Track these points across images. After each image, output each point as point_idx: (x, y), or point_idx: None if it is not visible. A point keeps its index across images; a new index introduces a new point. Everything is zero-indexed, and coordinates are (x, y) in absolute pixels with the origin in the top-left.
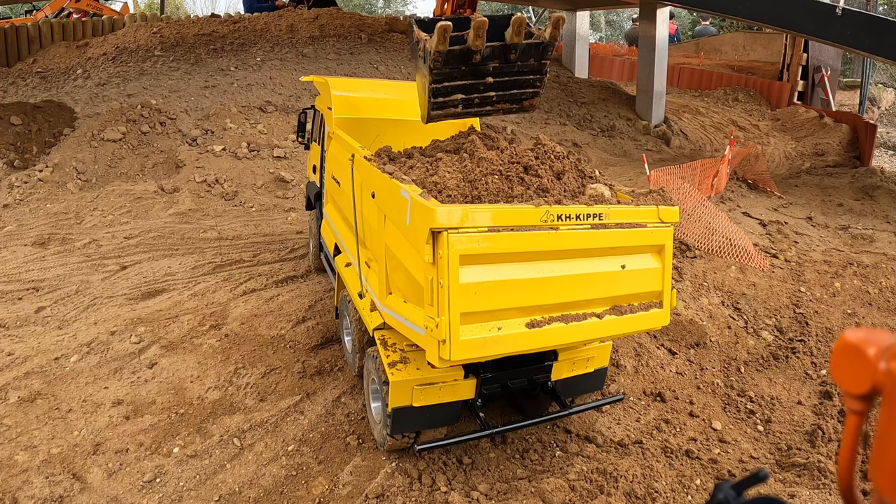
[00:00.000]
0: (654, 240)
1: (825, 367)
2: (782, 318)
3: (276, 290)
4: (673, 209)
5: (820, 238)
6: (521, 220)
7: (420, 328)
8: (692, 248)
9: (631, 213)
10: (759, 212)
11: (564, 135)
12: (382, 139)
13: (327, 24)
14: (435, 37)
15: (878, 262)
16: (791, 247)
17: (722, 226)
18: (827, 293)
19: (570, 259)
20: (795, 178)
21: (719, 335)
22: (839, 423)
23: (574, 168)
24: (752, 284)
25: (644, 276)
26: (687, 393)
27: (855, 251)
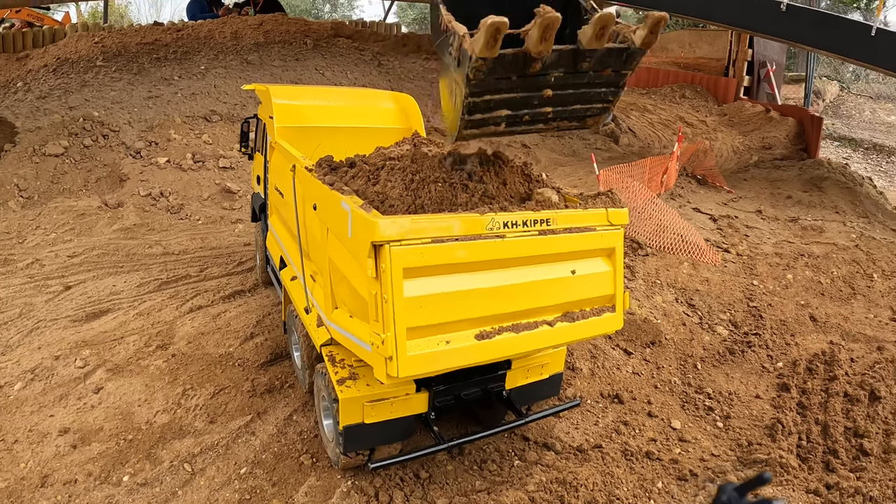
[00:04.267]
0: (603, 243)
1: (781, 360)
2: (736, 313)
3: (223, 306)
4: (622, 211)
5: (770, 231)
6: (466, 229)
7: (367, 344)
8: (644, 246)
9: (579, 217)
10: (709, 207)
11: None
12: (326, 147)
13: (272, 30)
14: (481, 38)
15: (829, 253)
16: (742, 240)
17: (673, 222)
18: (779, 285)
19: (518, 267)
20: (744, 172)
21: (674, 332)
22: (798, 415)
23: (520, 173)
24: (705, 280)
25: (595, 280)
26: (644, 393)
27: (805, 242)
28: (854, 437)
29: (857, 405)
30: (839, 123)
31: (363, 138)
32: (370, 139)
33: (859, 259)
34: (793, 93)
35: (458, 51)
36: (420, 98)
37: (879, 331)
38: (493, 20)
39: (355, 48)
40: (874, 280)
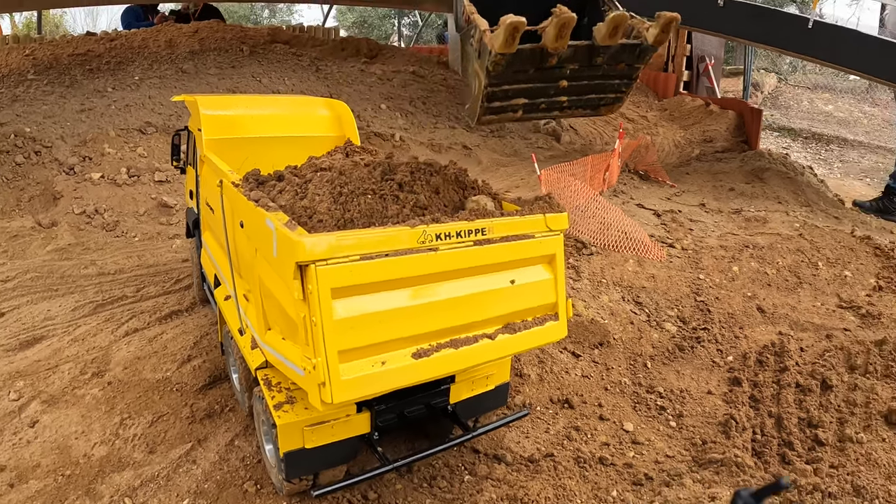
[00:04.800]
0: (543, 250)
1: (731, 354)
2: (684, 308)
3: (160, 328)
4: (561, 216)
5: (714, 223)
6: (396, 243)
7: (299, 368)
8: (588, 245)
9: (516, 224)
10: (652, 202)
11: (454, 138)
12: (258, 158)
13: (207, 37)
14: (501, 35)
15: (773, 243)
16: (687, 235)
17: (617, 220)
18: (726, 278)
19: (454, 280)
20: (686, 165)
21: (622, 332)
22: (751, 408)
23: (454, 180)
24: (652, 276)
25: (536, 288)
26: (595, 396)
27: (749, 234)
28: (808, 428)
29: (809, 395)
30: (778, 114)
31: (296, 148)
32: (303, 148)
33: (804, 248)
34: (732, 86)
35: (479, 43)
36: (359, 103)
37: (827, 319)
38: (512, 20)
39: (293, 54)
40: (819, 268)
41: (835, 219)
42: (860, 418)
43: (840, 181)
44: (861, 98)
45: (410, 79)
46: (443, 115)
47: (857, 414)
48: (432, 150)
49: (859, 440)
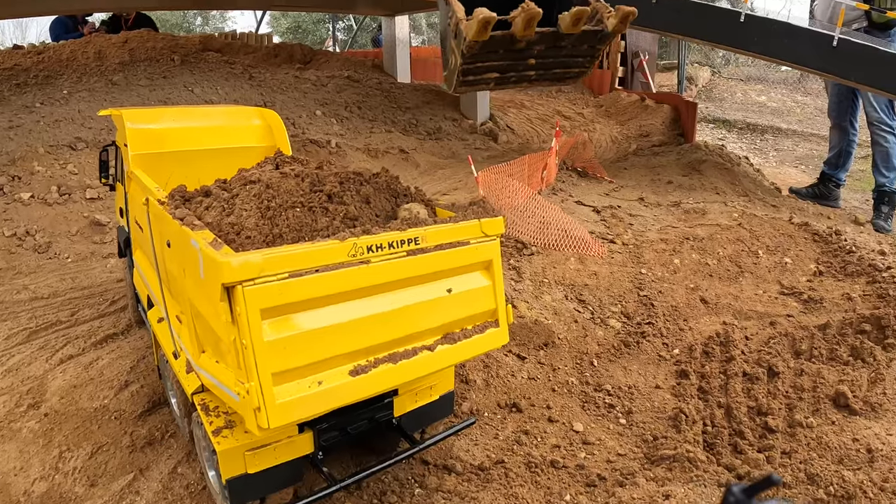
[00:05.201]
0: (480, 256)
1: (677, 346)
2: (628, 304)
3: (95, 354)
4: (496, 220)
5: (654, 217)
6: (326, 258)
7: (234, 393)
8: (529, 245)
9: (451, 231)
10: (591, 199)
11: (391, 142)
12: (188, 172)
13: (137, 47)
14: (474, 26)
15: (713, 234)
16: (627, 230)
17: (556, 218)
18: (668, 271)
19: (388, 292)
20: (623, 160)
21: (567, 331)
22: (700, 400)
23: (386, 188)
24: (594, 274)
25: (474, 296)
26: (543, 398)
27: (689, 226)
28: (758, 416)
29: (756, 383)
30: (713, 106)
31: (226, 160)
32: (234, 160)
33: (743, 237)
34: (666, 80)
35: (456, 29)
36: (294, 110)
37: (770, 306)
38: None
39: (225, 62)
40: (760, 257)
41: (772, 207)
42: (808, 403)
43: (776, 169)
44: (793, 88)
45: (345, 84)
46: (378, 120)
47: (806, 399)
48: (369, 156)
49: (809, 425)
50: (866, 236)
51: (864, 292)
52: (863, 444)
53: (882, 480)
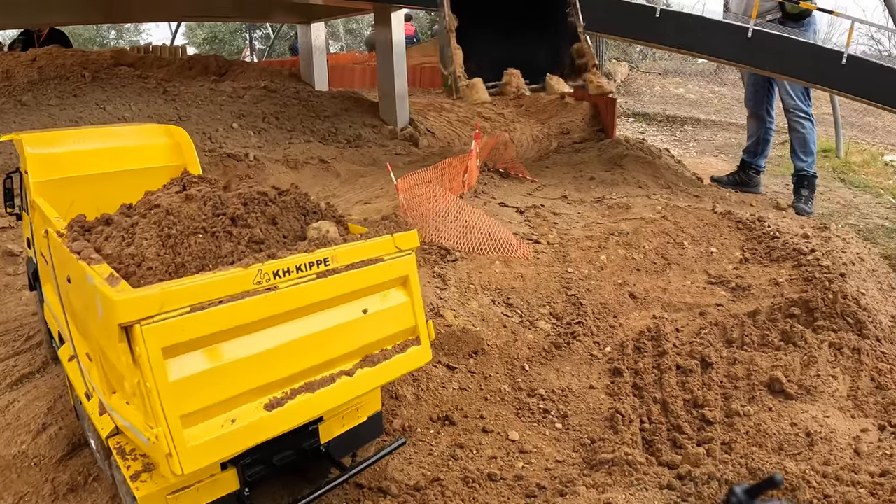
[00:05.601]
0: (395, 273)
1: (609, 344)
2: (556, 304)
3: (11, 396)
4: (410, 234)
5: (578, 214)
6: (230, 288)
7: (144, 437)
8: (452, 251)
9: (363, 248)
10: (514, 200)
11: (310, 151)
12: (92, 198)
13: (46, 65)
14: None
15: (638, 228)
16: (551, 229)
17: (479, 222)
18: (594, 268)
19: (300, 319)
20: (545, 159)
21: (496, 337)
22: (635, 398)
23: (295, 206)
24: (520, 276)
25: (392, 314)
26: (476, 408)
27: (614, 221)
28: (695, 409)
29: (691, 375)
30: (632, 101)
31: (133, 183)
32: (141, 182)
33: (668, 229)
34: None
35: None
36: (210, 123)
37: (699, 297)
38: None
39: (138, 76)
40: (685, 248)
41: (695, 197)
42: (744, 391)
43: (697, 160)
44: (710, 79)
45: (262, 94)
46: (297, 130)
47: (741, 387)
48: (288, 167)
49: (746, 413)
50: (789, 221)
51: (790, 276)
52: (801, 429)
53: (823, 464)
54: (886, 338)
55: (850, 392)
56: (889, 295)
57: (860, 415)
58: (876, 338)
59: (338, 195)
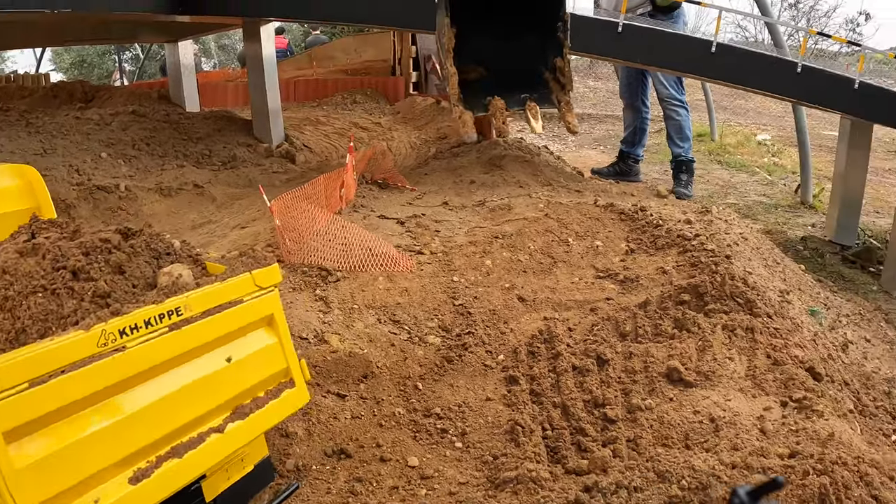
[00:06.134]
0: (258, 313)
1: (501, 352)
2: (444, 316)
3: None
4: (270, 269)
5: (460, 220)
6: (72, 354)
7: None
8: (333, 271)
9: (219, 292)
10: (394, 211)
11: (184, 177)
12: None
13: None
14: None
15: (522, 229)
16: (434, 238)
17: (359, 237)
18: (480, 274)
19: (156, 377)
20: (424, 166)
21: (385, 358)
22: (535, 405)
23: (145, 250)
24: (405, 290)
25: (260, 359)
26: (371, 436)
27: (496, 224)
28: (596, 409)
29: (588, 375)
30: None
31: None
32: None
33: (552, 228)
34: None
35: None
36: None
37: (588, 292)
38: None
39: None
40: (570, 244)
41: (577, 192)
42: (643, 385)
43: (576, 154)
44: (585, 74)
45: (131, 120)
46: (169, 155)
47: (640, 381)
48: (162, 195)
49: (648, 407)
50: (671, 208)
51: (677, 263)
52: (705, 416)
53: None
54: (777, 313)
55: (749, 372)
56: (775, 270)
57: (761, 393)
58: (767, 315)
59: (214, 221)
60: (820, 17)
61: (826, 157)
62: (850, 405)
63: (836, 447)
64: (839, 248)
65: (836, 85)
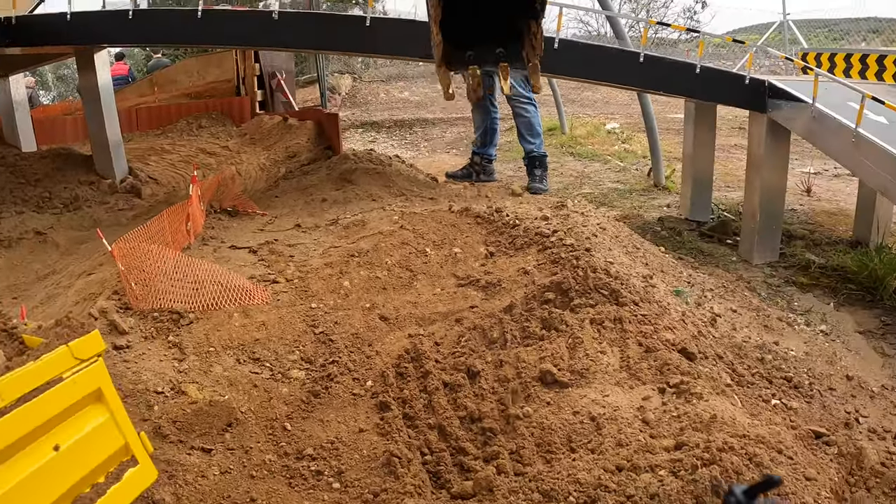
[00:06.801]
0: (82, 389)
1: (369, 378)
2: (306, 347)
3: None
4: (89, 337)
5: (314, 241)
6: None
7: None
8: (185, 314)
9: (33, 373)
10: (246, 239)
11: (24, 224)
12: None
13: None
14: None
15: (378, 244)
16: (288, 263)
17: (210, 273)
18: (339, 297)
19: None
20: (275, 188)
21: (249, 401)
22: (410, 429)
23: None
24: (262, 324)
25: (94, 440)
26: (244, 490)
27: (352, 241)
28: (473, 424)
29: (460, 390)
30: (359, 112)
31: None
32: None
33: (408, 239)
34: (310, 94)
35: None
36: None
37: (451, 303)
38: None
39: None
40: (429, 254)
41: (431, 200)
42: (518, 392)
43: (430, 159)
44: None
45: None
46: (7, 201)
47: (514, 389)
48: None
49: (526, 414)
50: (527, 206)
51: (538, 262)
52: (585, 415)
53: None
54: (644, 299)
55: (623, 363)
56: (636, 256)
57: (638, 383)
58: (634, 302)
59: (58, 270)
60: (659, 7)
61: (674, 139)
62: (727, 379)
63: (719, 429)
64: (696, 225)
65: (678, 71)
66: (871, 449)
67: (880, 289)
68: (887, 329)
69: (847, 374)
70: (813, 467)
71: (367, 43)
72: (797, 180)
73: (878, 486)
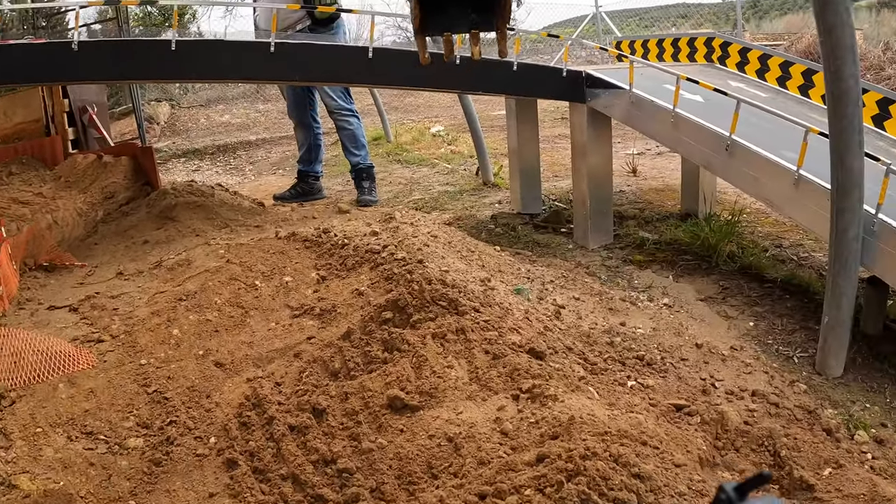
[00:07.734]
0: None
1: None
2: (140, 410)
3: None
4: None
5: (139, 289)
6: None
7: None
8: (5, 393)
9: None
10: (65, 296)
11: None
12: None
13: None
14: None
15: (205, 283)
16: (113, 318)
17: (28, 342)
18: (170, 347)
19: None
20: (94, 234)
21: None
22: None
23: None
24: (90, 392)
25: None
26: None
27: (177, 284)
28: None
29: (308, 431)
30: (180, 140)
31: None
32: None
33: (236, 274)
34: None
35: None
36: None
37: (287, 336)
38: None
39: None
40: (259, 287)
41: (257, 228)
42: (368, 424)
43: (256, 183)
44: (253, 99)
45: None
46: None
47: (364, 420)
48: None
49: (381, 446)
50: (355, 222)
51: (371, 281)
52: (441, 437)
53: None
54: (484, 304)
55: (472, 375)
56: (471, 260)
57: (490, 394)
58: (474, 309)
59: None
60: None
61: (499, 136)
62: (580, 371)
63: (579, 431)
64: (529, 218)
65: (496, 70)
66: (732, 411)
67: (714, 256)
68: (727, 293)
69: (696, 342)
70: (680, 449)
71: (175, 68)
72: (622, 162)
73: (746, 444)
